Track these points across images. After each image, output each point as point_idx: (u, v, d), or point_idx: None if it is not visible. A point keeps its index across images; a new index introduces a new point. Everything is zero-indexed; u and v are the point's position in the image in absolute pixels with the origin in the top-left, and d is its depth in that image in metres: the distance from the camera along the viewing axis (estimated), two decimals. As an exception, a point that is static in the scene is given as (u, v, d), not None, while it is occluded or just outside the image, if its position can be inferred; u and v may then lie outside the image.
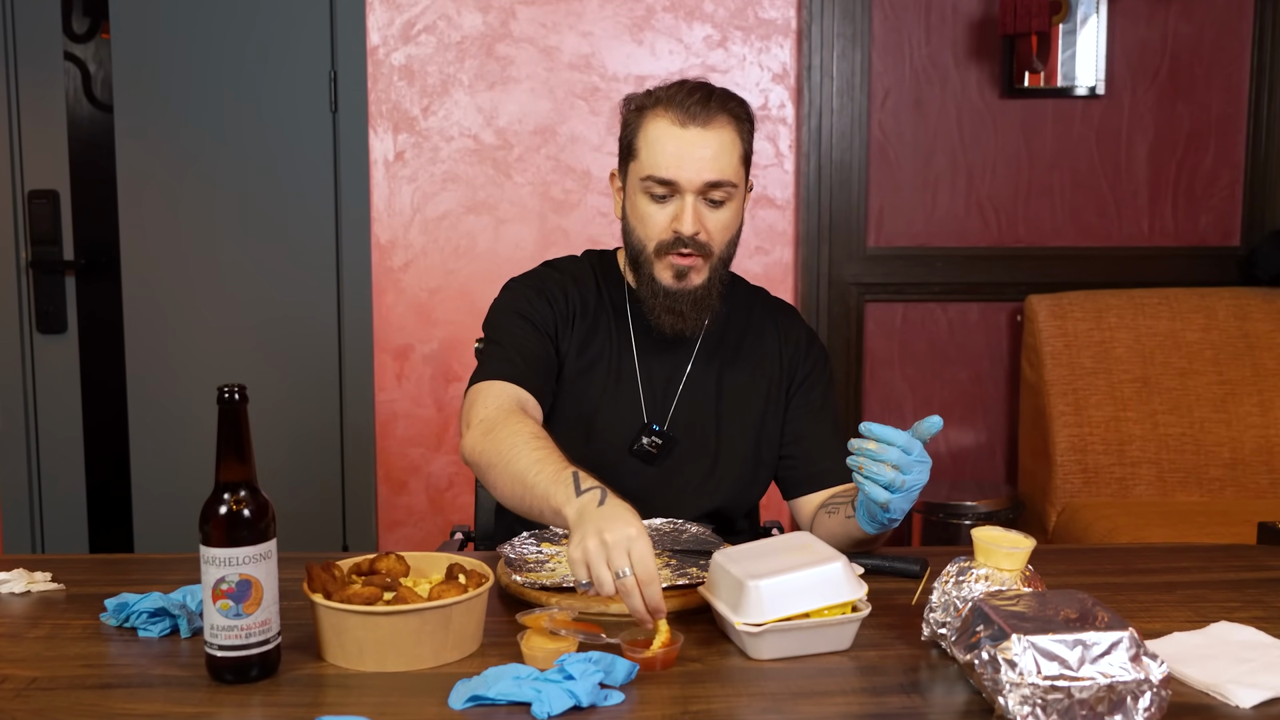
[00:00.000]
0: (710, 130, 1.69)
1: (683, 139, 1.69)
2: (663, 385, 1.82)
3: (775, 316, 1.91)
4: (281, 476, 3.13)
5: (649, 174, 1.71)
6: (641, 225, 1.74)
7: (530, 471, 1.46)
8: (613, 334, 1.83)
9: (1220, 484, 3.06)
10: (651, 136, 1.71)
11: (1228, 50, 3.28)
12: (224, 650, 1.25)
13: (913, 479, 1.47)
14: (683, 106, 1.69)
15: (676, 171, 1.69)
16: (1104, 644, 1.14)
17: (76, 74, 3.32)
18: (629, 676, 1.25)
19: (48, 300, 3.27)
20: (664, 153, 1.69)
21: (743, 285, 1.93)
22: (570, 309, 1.82)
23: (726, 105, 1.72)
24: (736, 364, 1.85)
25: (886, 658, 1.34)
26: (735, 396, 1.84)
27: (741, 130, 1.73)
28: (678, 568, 1.54)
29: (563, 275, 1.85)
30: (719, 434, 1.83)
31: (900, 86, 3.24)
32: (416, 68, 3.17)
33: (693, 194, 1.69)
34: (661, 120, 1.70)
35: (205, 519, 1.25)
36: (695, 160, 1.68)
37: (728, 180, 1.70)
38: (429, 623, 1.29)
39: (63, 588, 1.57)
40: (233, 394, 1.25)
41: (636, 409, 1.81)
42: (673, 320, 1.76)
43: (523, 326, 1.77)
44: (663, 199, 1.71)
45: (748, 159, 1.75)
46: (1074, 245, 3.31)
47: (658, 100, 1.72)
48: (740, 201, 1.76)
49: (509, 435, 1.54)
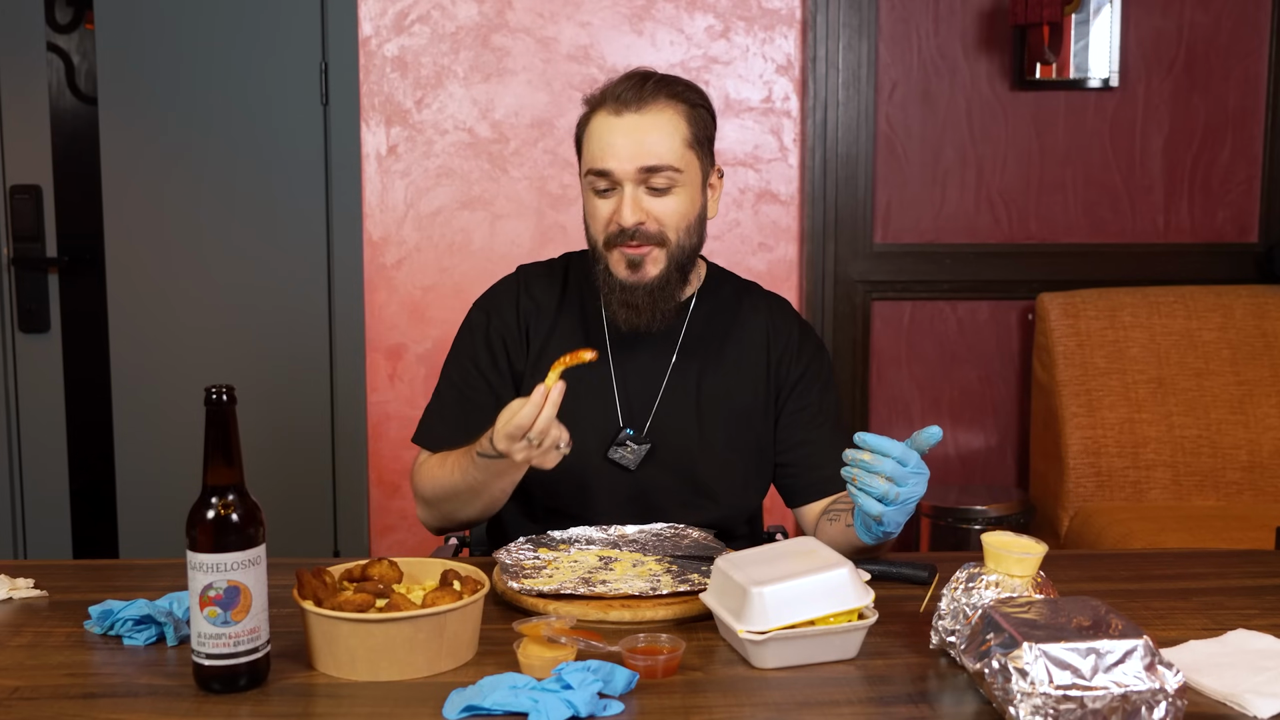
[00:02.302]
0: (645, 114, 1.69)
1: (616, 127, 1.69)
2: (640, 388, 1.81)
3: (764, 312, 1.88)
4: (271, 480, 3.13)
5: (589, 168, 1.72)
6: (592, 221, 1.75)
7: (455, 472, 1.70)
8: (580, 336, 1.82)
9: (1238, 487, 3.06)
10: (591, 131, 1.73)
11: (1245, 41, 3.28)
12: (212, 659, 1.25)
13: (907, 491, 1.47)
14: (617, 96, 1.70)
15: (611, 160, 1.69)
16: (1118, 652, 1.15)
17: (60, 65, 3.32)
18: (629, 686, 1.25)
19: (30, 298, 3.28)
20: (600, 144, 1.70)
21: (731, 281, 1.91)
22: (520, 325, 1.82)
23: (665, 88, 1.71)
24: (721, 365, 1.83)
25: (894, 667, 1.34)
26: (719, 399, 1.81)
27: (689, 113, 1.72)
28: (679, 574, 1.54)
29: (499, 297, 1.86)
30: (702, 439, 1.80)
31: (908, 78, 3.25)
32: (410, 59, 3.17)
33: (630, 183, 1.69)
34: (600, 113, 1.72)
35: (192, 524, 1.25)
36: (628, 147, 1.68)
37: (666, 164, 1.68)
38: (423, 631, 1.29)
39: (45, 594, 1.57)
40: (220, 395, 1.25)
41: (611, 413, 1.79)
42: (629, 314, 1.74)
43: (468, 368, 1.83)
44: (606, 192, 1.71)
45: (700, 142, 1.73)
46: (1087, 242, 3.31)
47: (602, 95, 1.73)
48: (695, 188, 1.74)
49: (435, 481, 1.77)
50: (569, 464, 1.71)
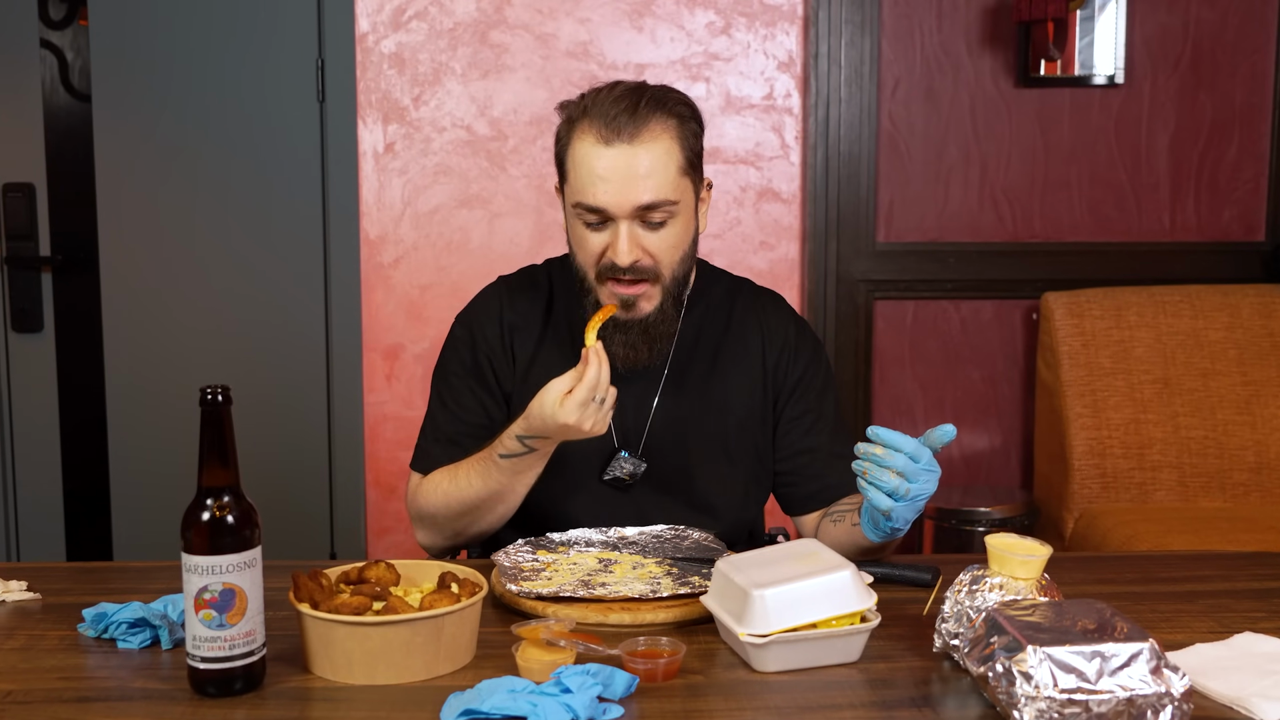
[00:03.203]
0: (639, 145, 1.59)
1: (608, 159, 1.59)
2: (634, 403, 1.76)
3: (758, 312, 1.83)
4: (267, 481, 3.13)
5: (578, 201, 1.63)
6: (580, 251, 1.68)
7: (474, 480, 1.68)
8: (569, 351, 1.76)
9: (1244, 489, 3.06)
10: (578, 157, 1.62)
11: (1252, 37, 3.28)
12: (207, 662, 1.25)
13: (918, 488, 1.47)
14: (605, 120, 1.59)
15: (605, 198, 1.59)
16: (1123, 656, 1.15)
17: (53, 62, 3.32)
18: (629, 690, 1.25)
19: (23, 298, 3.28)
20: (590, 177, 1.60)
21: (723, 281, 1.86)
22: (504, 341, 1.79)
23: (659, 109, 1.61)
24: (715, 373, 1.79)
25: (897, 670, 1.34)
26: (715, 410, 1.78)
27: (682, 133, 1.63)
28: (679, 576, 1.54)
29: (481, 313, 1.82)
30: (698, 453, 1.77)
31: (911, 75, 3.25)
32: (407, 55, 3.17)
33: (626, 220, 1.61)
34: (586, 138, 1.61)
35: (187, 525, 1.25)
36: (623, 183, 1.59)
37: (664, 199, 1.60)
38: (420, 634, 1.29)
39: (39, 597, 1.57)
40: (216, 395, 1.25)
41: (605, 434, 1.74)
42: (624, 353, 1.68)
43: (459, 388, 1.81)
44: (596, 225, 1.63)
45: (693, 164, 1.65)
46: (1092, 240, 3.31)
47: (584, 111, 1.63)
48: (689, 214, 1.67)
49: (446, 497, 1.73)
50: (565, 487, 1.71)
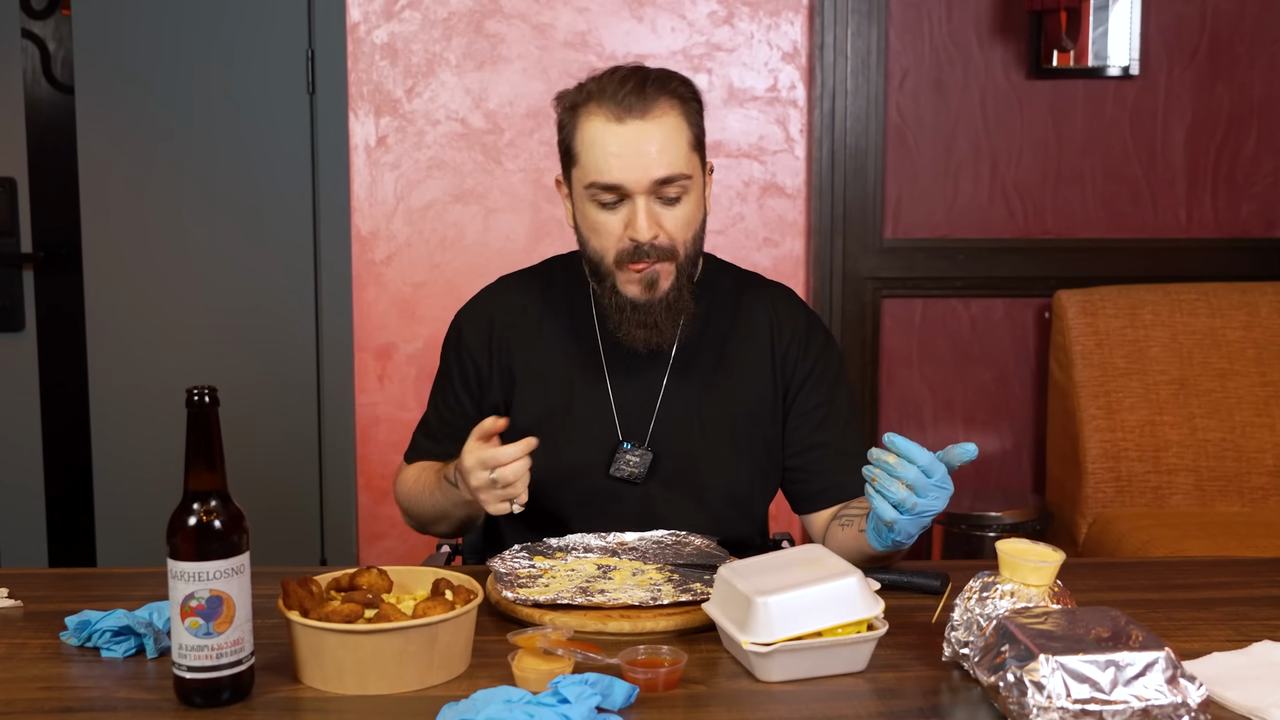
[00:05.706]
0: (651, 120, 1.65)
1: (622, 136, 1.65)
2: (639, 398, 1.79)
3: (767, 304, 1.85)
4: (255, 485, 3.13)
5: (592, 181, 1.67)
6: (595, 235, 1.72)
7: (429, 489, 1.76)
8: (573, 346, 1.80)
9: (1263, 493, 3.06)
10: (589, 138, 1.67)
11: (1272, 27, 3.28)
12: (193, 671, 1.25)
13: (925, 504, 1.47)
14: (616, 99, 1.65)
15: (621, 174, 1.65)
16: (1138, 665, 1.15)
17: (35, 53, 3.32)
18: (628, 700, 1.25)
19: (4, 296, 3.28)
20: (604, 155, 1.65)
21: (730, 273, 1.89)
22: (490, 348, 1.82)
23: (665, 88, 1.67)
24: (722, 365, 1.81)
25: (905, 680, 1.34)
26: (722, 403, 1.80)
27: (688, 112, 1.69)
28: (680, 583, 1.54)
29: (470, 318, 1.86)
30: (706, 449, 1.79)
31: (919, 66, 3.25)
32: (400, 46, 3.17)
33: (643, 195, 1.66)
34: (596, 119, 1.67)
35: (173, 531, 1.25)
36: (639, 158, 1.64)
37: (680, 173, 1.66)
38: (413, 642, 1.29)
39: (20, 605, 1.57)
40: (202, 396, 1.25)
41: (610, 426, 1.78)
42: (646, 334, 1.72)
43: (447, 389, 1.87)
44: (612, 205, 1.68)
45: (700, 142, 1.72)
46: (1106, 237, 3.31)
47: (589, 95, 1.69)
48: (700, 191, 1.72)
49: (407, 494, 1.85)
50: (573, 483, 1.74)
